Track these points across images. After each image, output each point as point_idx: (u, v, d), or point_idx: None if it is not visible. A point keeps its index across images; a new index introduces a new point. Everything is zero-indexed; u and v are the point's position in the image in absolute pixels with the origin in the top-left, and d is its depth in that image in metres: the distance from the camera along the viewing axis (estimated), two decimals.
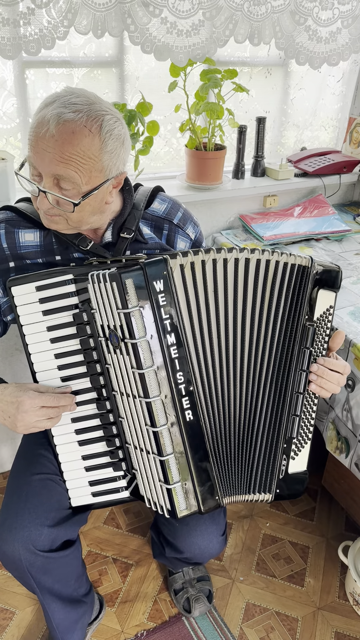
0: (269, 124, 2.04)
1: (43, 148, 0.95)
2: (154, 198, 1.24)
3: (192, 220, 1.27)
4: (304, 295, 1.04)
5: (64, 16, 1.32)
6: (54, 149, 0.95)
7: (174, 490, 0.99)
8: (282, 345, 1.06)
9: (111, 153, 1.00)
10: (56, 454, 1.13)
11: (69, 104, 0.96)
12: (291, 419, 1.07)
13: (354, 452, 1.44)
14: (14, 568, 1.12)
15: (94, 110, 0.97)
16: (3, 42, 1.29)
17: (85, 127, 0.95)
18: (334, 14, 1.67)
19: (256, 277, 1.03)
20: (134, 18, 1.39)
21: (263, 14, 1.56)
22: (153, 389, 0.96)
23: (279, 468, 1.08)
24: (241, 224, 2.01)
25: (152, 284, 0.93)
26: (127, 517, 1.84)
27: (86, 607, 1.34)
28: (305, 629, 1.51)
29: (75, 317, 1.04)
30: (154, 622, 1.52)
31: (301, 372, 1.06)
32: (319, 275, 1.06)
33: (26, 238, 1.13)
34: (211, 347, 1.02)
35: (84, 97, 0.98)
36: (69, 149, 0.95)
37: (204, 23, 1.48)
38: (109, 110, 1.00)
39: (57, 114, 0.94)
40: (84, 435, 1.11)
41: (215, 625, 1.50)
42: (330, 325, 1.09)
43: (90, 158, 0.97)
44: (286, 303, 1.05)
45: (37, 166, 0.98)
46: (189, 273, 0.98)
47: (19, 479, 1.17)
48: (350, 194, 2.28)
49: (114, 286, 0.93)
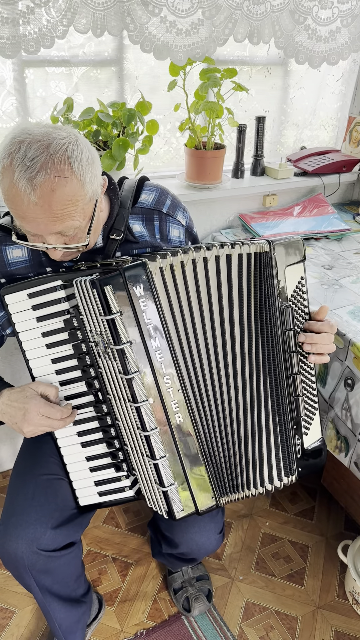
0: (269, 123, 2.04)
1: (33, 217, 0.93)
2: (140, 190, 1.22)
3: (180, 206, 1.26)
4: (272, 280, 1.04)
5: (63, 15, 1.32)
6: (44, 213, 0.93)
7: (169, 492, 0.99)
8: (265, 333, 1.06)
9: (91, 181, 0.97)
10: (61, 456, 1.14)
11: (28, 161, 0.89)
12: (294, 401, 1.08)
13: (353, 451, 1.44)
14: (14, 567, 1.12)
15: (55, 153, 0.91)
16: (2, 41, 1.29)
17: (58, 177, 0.91)
18: (333, 13, 1.67)
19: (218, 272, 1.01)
20: (133, 17, 1.39)
21: (262, 13, 1.55)
22: (140, 394, 0.95)
23: (294, 448, 1.10)
24: (241, 223, 2.01)
25: (132, 289, 0.92)
26: (126, 516, 1.84)
27: (85, 607, 1.34)
28: (304, 628, 1.52)
29: (66, 323, 1.05)
30: (153, 621, 1.52)
31: (291, 354, 1.06)
32: (283, 254, 1.05)
33: (14, 254, 1.12)
34: (198, 348, 1.01)
35: (36, 144, 0.91)
36: (57, 206, 0.92)
37: (203, 22, 1.48)
38: (65, 140, 0.93)
39: (27, 181, 0.89)
40: (86, 437, 1.12)
41: (215, 625, 1.50)
42: (307, 294, 1.09)
43: (78, 200, 0.95)
44: (258, 292, 1.04)
45: (35, 232, 0.97)
46: (169, 275, 0.97)
47: (24, 478, 1.17)
48: (350, 193, 2.28)
49: (94, 293, 0.93)
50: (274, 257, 1.03)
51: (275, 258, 1.04)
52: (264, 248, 1.03)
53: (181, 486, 1.00)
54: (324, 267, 1.74)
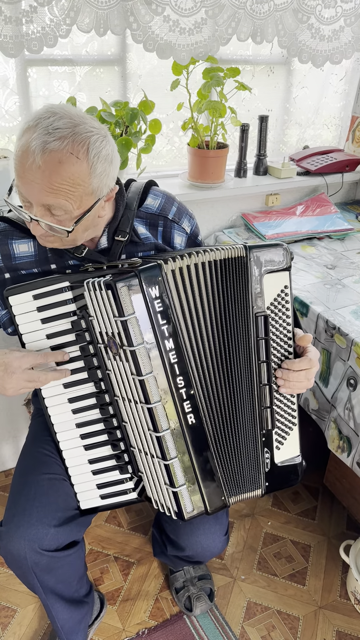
0: (272, 122, 2.04)
1: (31, 179, 0.93)
2: (146, 194, 1.22)
3: (187, 214, 1.26)
4: (244, 287, 1.02)
5: (66, 14, 1.32)
6: (42, 180, 0.92)
7: (179, 492, 0.99)
8: (239, 340, 1.04)
9: (100, 175, 0.97)
10: (63, 459, 1.13)
11: (52, 129, 0.92)
12: (264, 412, 1.07)
13: (355, 451, 1.44)
14: (17, 567, 1.12)
15: (79, 134, 0.93)
16: (5, 40, 1.29)
17: (71, 154, 0.92)
18: (336, 12, 1.67)
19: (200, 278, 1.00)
20: (136, 16, 1.39)
21: (266, 12, 1.55)
22: (154, 395, 0.95)
23: (263, 462, 1.08)
24: (243, 223, 2.00)
25: (148, 291, 0.92)
26: (128, 515, 1.84)
27: (88, 608, 1.34)
28: (306, 628, 1.52)
29: (74, 325, 1.04)
30: (155, 621, 1.52)
31: (261, 363, 1.05)
32: (260, 260, 1.02)
33: (20, 249, 1.12)
34: (204, 348, 1.01)
35: (67, 119, 0.94)
36: (57, 179, 0.92)
37: (206, 21, 1.48)
38: (95, 130, 0.96)
39: (41, 143, 0.91)
40: (89, 440, 1.11)
41: (217, 624, 1.51)
42: (291, 306, 1.06)
43: (80, 184, 0.95)
44: (230, 297, 1.03)
45: (26, 195, 0.96)
46: (179, 278, 0.97)
47: (26, 478, 1.17)
48: (353, 192, 2.27)
49: (109, 294, 0.92)
50: (250, 263, 1.02)
51: (251, 263, 1.02)
52: (239, 253, 1.01)
53: (192, 486, 1.00)
54: (326, 267, 1.74)
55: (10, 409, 1.89)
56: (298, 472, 1.11)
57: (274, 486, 1.10)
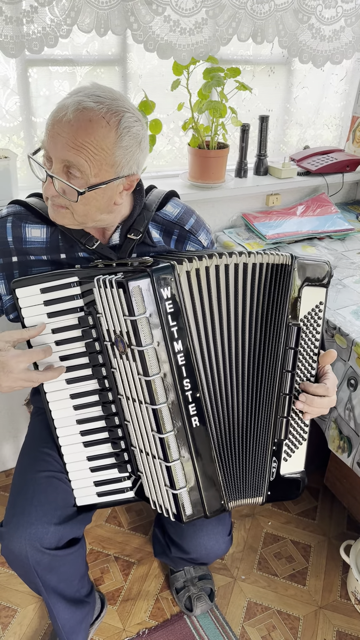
0: (272, 122, 2.04)
1: (57, 132, 0.95)
2: (167, 201, 1.22)
3: (205, 227, 1.26)
4: (284, 294, 1.02)
5: (67, 14, 1.32)
6: (68, 134, 0.94)
7: (179, 495, 0.98)
8: (268, 346, 1.04)
9: (126, 149, 0.98)
10: (61, 454, 1.13)
11: (92, 95, 0.96)
12: (279, 421, 1.06)
13: (356, 451, 1.44)
14: (19, 566, 1.12)
15: (115, 105, 0.97)
16: (6, 41, 1.29)
17: (103, 118, 0.95)
18: (337, 12, 1.67)
19: (236, 280, 1.01)
20: (137, 16, 1.39)
21: (266, 12, 1.55)
22: (160, 396, 0.94)
23: (269, 470, 1.07)
24: (244, 223, 2.00)
25: (160, 291, 0.91)
26: (129, 515, 1.84)
27: (89, 608, 1.34)
28: (306, 628, 1.52)
29: (81, 320, 1.03)
30: (155, 621, 1.52)
31: (286, 373, 1.04)
32: (304, 272, 1.03)
33: (33, 234, 1.13)
34: (215, 353, 1.01)
35: (109, 92, 0.99)
36: (83, 136, 0.94)
37: (207, 21, 1.48)
38: (132, 110, 1.00)
39: (78, 101, 0.95)
40: (89, 437, 1.11)
41: (217, 624, 1.51)
42: (322, 322, 1.07)
43: (103, 149, 0.96)
44: (268, 303, 1.03)
45: (49, 150, 0.97)
46: (195, 279, 0.97)
47: (25, 477, 1.17)
48: (353, 192, 2.27)
49: (121, 292, 0.91)
50: (293, 271, 1.02)
51: (295, 272, 1.02)
52: (285, 260, 1.02)
53: (192, 489, 0.99)
54: None
55: (11, 408, 1.89)
56: (300, 487, 1.11)
57: (275, 496, 1.09)
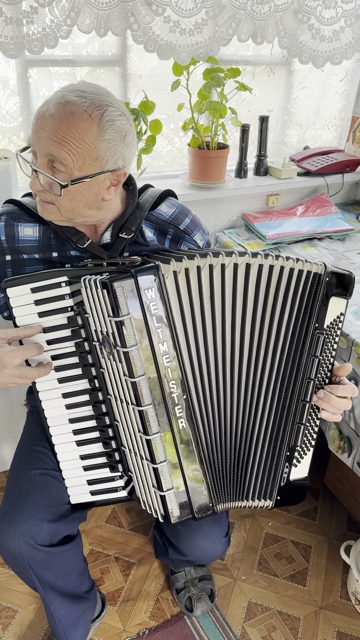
0: (272, 122, 2.04)
1: (40, 126, 0.96)
2: (162, 201, 1.21)
3: (200, 228, 1.24)
4: (315, 303, 1.01)
5: (67, 15, 1.32)
6: (50, 127, 0.95)
7: (167, 496, 0.98)
8: (288, 353, 1.03)
9: (109, 142, 0.98)
10: (55, 453, 1.13)
11: (76, 90, 0.97)
12: (295, 427, 1.05)
13: (356, 451, 1.44)
14: (15, 563, 1.13)
15: (99, 100, 0.98)
16: (6, 41, 1.29)
17: (85, 111, 0.96)
18: (337, 13, 1.67)
19: (258, 283, 1.00)
20: (137, 17, 1.39)
21: (266, 12, 1.55)
22: (145, 397, 0.94)
23: (280, 475, 1.07)
24: (244, 223, 2.00)
25: (143, 292, 0.91)
26: (129, 515, 1.84)
27: (88, 604, 1.34)
28: (307, 629, 1.52)
29: (70, 320, 1.03)
30: (155, 621, 1.52)
31: (308, 381, 1.03)
32: (331, 281, 1.02)
33: (25, 232, 1.13)
34: (207, 355, 1.00)
35: (94, 88, 0.99)
36: (65, 129, 0.95)
37: (207, 22, 1.48)
38: (116, 104, 1.00)
39: (61, 95, 0.96)
40: (81, 436, 1.11)
41: (217, 624, 1.50)
42: (340, 332, 1.06)
43: (85, 142, 0.96)
44: (295, 311, 1.02)
45: (33, 145, 0.98)
46: (183, 280, 0.95)
47: (18, 475, 1.17)
48: (353, 193, 2.27)
49: (105, 293, 0.91)
50: (324, 280, 1.01)
51: (326, 281, 1.01)
52: (319, 269, 1.01)
53: (179, 491, 0.99)
54: None
55: (11, 409, 1.89)
56: (304, 493, 1.11)
57: (283, 501, 1.09)
